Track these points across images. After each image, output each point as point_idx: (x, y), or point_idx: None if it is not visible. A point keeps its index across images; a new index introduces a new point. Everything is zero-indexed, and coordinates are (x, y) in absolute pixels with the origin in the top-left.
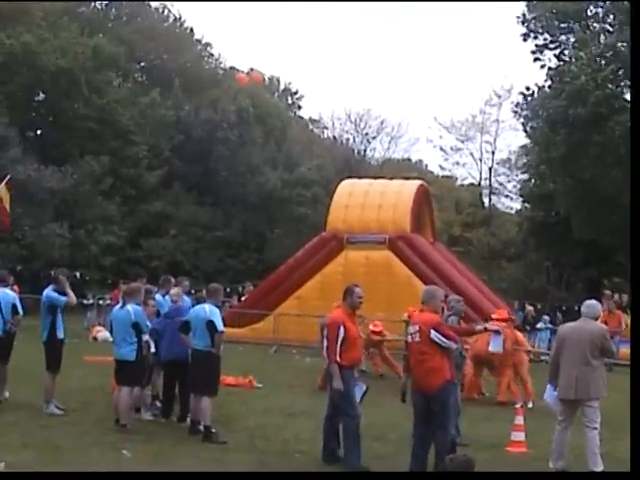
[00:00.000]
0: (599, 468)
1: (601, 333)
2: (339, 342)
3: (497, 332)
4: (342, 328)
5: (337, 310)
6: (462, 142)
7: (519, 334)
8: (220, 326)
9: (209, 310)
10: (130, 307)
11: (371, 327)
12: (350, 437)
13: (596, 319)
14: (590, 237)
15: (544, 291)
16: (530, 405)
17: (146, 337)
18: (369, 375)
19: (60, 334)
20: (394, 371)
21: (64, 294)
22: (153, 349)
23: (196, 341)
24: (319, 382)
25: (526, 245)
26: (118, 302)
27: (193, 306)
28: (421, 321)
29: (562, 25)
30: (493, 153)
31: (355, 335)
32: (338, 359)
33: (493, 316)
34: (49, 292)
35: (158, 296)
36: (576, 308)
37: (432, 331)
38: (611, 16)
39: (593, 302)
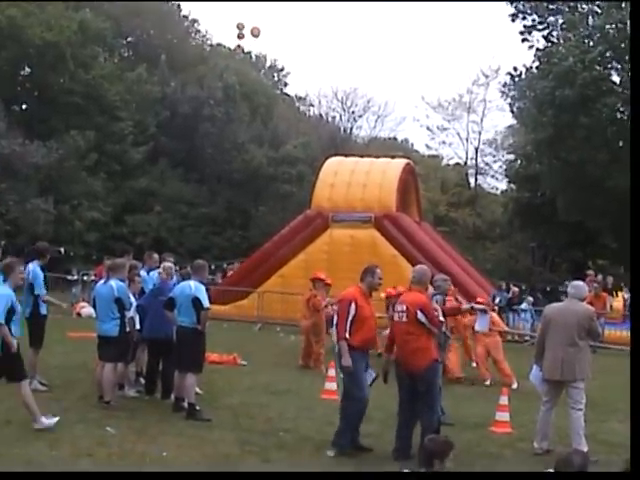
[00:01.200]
0: (584, 449)
1: (588, 314)
2: (349, 319)
3: (484, 311)
4: (353, 305)
5: (351, 287)
6: (449, 122)
7: (495, 315)
8: (206, 303)
9: (194, 287)
10: (113, 283)
11: None
12: (349, 420)
13: (582, 300)
14: (575, 219)
15: (529, 272)
16: (515, 386)
17: (130, 313)
18: None
19: (43, 310)
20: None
21: (43, 269)
22: (138, 326)
23: (181, 318)
24: (300, 361)
25: (511, 226)
26: (102, 278)
27: (178, 283)
28: (408, 301)
29: (550, 6)
30: (480, 133)
31: (367, 315)
32: (347, 336)
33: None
34: (35, 269)
35: (142, 272)
36: (560, 289)
37: (418, 312)
38: None
39: (579, 283)
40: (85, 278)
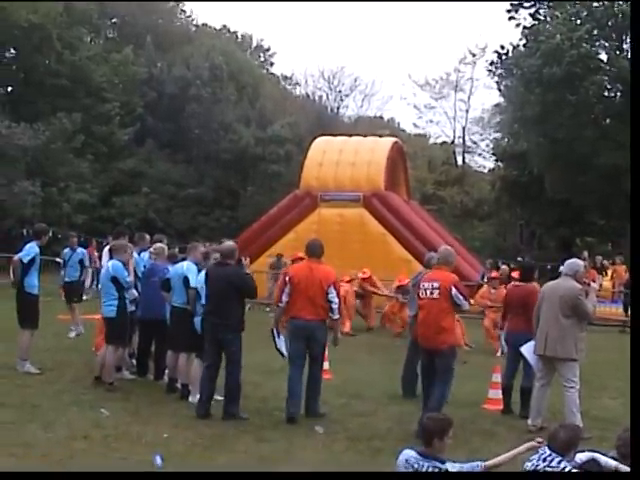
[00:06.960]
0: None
1: (572, 292)
2: None
3: None
4: None
5: (330, 268)
6: (436, 100)
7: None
8: (192, 282)
9: (186, 266)
10: (110, 263)
11: (360, 275)
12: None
13: (575, 276)
14: (563, 196)
15: (517, 250)
16: (499, 354)
17: (134, 294)
18: None
19: (30, 289)
20: (368, 321)
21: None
22: (132, 307)
23: (175, 297)
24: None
25: (499, 204)
26: (91, 260)
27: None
28: (442, 278)
29: None
30: (467, 111)
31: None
32: None
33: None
34: (35, 247)
35: (134, 253)
36: (548, 267)
37: (453, 288)
38: None
39: (572, 260)
40: None
